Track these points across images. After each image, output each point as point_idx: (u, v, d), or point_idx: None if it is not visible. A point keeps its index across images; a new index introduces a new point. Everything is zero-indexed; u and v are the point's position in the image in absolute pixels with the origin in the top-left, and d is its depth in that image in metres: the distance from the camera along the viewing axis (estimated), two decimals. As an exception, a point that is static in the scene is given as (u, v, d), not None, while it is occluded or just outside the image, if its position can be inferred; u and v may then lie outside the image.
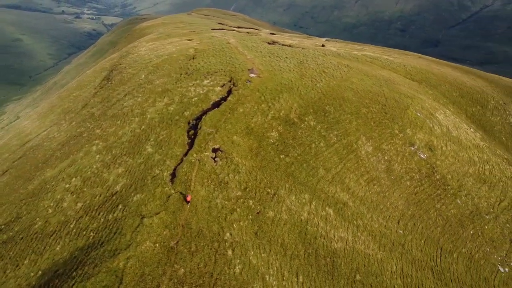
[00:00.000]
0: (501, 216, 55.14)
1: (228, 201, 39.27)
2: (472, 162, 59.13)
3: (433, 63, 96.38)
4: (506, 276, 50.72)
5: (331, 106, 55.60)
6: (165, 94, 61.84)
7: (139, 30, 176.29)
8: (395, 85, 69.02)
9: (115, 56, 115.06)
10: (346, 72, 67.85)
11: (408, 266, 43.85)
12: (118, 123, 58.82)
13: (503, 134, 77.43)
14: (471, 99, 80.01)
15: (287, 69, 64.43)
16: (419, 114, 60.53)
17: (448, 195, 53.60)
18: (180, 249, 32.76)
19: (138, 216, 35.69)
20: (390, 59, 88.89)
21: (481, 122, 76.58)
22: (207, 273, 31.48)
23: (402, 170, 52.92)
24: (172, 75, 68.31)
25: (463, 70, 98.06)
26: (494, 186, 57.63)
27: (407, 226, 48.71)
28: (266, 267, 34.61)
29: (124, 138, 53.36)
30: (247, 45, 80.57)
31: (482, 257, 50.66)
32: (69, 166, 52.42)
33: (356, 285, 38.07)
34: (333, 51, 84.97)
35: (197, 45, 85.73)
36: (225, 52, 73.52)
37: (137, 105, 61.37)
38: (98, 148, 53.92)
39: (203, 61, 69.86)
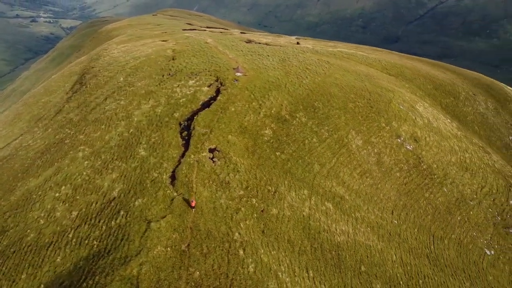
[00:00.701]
0: (484, 202, 57.69)
1: (231, 201, 38.96)
2: (454, 151, 61.52)
3: (404, 58, 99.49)
4: (492, 258, 53.15)
5: (319, 102, 56.27)
6: (149, 96, 60.50)
7: (105, 33, 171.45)
8: (375, 79, 70.72)
9: (84, 60, 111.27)
10: (328, 68, 68.84)
11: (406, 255, 45.09)
12: (102, 127, 56.99)
13: (475, 123, 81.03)
14: (444, 91, 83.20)
15: (272, 67, 64.63)
16: (401, 107, 62.31)
17: (435, 184, 55.50)
18: (192, 252, 32.19)
19: (144, 221, 34.75)
20: (365, 55, 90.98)
21: (455, 113, 79.80)
22: (222, 274, 31.10)
23: (392, 162, 54.33)
24: (154, 77, 66.93)
25: (431, 64, 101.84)
26: (475, 173, 60.19)
27: (401, 216, 50.07)
28: (278, 264, 34.61)
29: (112, 143, 51.79)
30: (226, 45, 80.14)
31: (470, 242, 52.82)
32: (55, 174, 50.30)
33: (362, 277, 38.75)
34: (310, 48, 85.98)
35: (174, 46, 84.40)
36: (206, 52, 72.81)
37: (121, 109, 59.69)
38: (84, 154, 52.04)
39: (185, 62, 68.88)
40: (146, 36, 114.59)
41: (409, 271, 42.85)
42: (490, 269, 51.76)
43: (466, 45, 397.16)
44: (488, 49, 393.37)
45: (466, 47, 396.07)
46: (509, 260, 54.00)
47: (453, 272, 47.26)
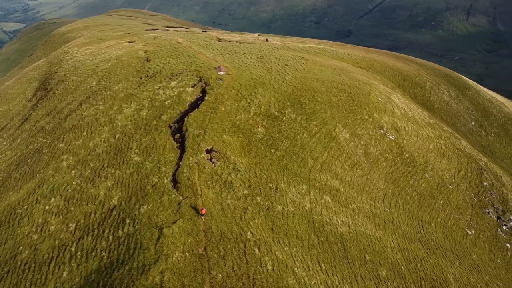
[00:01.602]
0: (461, 185, 61.04)
1: (237, 201, 38.84)
2: (430, 138, 64.55)
3: (369, 51, 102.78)
4: (473, 237, 56.45)
5: (305, 98, 57.10)
6: (130, 99, 58.80)
7: (59, 35, 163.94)
8: (350, 73, 72.66)
9: (43, 65, 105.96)
10: (305, 64, 69.88)
11: (402, 241, 46.95)
12: (84, 134, 54.78)
13: (442, 111, 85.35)
14: (412, 82, 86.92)
15: (252, 65, 64.72)
16: (379, 99, 64.51)
17: (418, 171, 58.05)
18: (210, 255, 31.85)
19: (154, 228, 33.91)
20: (334, 50, 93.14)
21: (423, 102, 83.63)
22: (243, 274, 31.03)
23: (377, 152, 56.19)
24: (131, 79, 65.07)
25: (395, 56, 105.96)
26: (451, 158, 63.50)
27: (391, 203, 51.99)
28: (292, 260, 34.98)
29: (99, 150, 49.94)
30: (199, 44, 79.25)
31: (453, 224, 55.78)
32: (39, 186, 47.84)
33: (368, 265, 39.97)
34: (281, 45, 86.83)
35: (144, 47, 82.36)
36: (181, 52, 71.64)
37: (102, 114, 57.61)
38: (69, 163, 49.84)
39: (162, 63, 67.45)
40: (109, 37, 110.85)
41: (407, 256, 44.67)
42: (472, 248, 54.95)
43: (413, 37, 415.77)
44: (433, 40, 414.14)
45: (414, 39, 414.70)
46: (487, 238, 57.52)
47: (443, 253, 49.74)
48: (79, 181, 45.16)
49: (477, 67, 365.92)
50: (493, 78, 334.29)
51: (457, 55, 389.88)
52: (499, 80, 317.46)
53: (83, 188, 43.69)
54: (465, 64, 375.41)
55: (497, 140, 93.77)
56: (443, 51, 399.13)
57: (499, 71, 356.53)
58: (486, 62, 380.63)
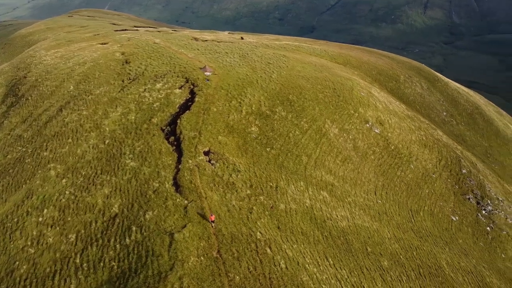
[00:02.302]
0: (443, 173, 63.58)
1: (242, 202, 38.90)
2: (411, 130, 66.80)
3: (343, 47, 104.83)
4: (457, 223, 59.01)
5: (293, 95, 57.66)
6: (115, 103, 57.32)
7: (20, 38, 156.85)
8: (331, 69, 73.94)
9: (7, 69, 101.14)
10: (287, 61, 70.47)
11: (397, 231, 48.51)
12: (69, 141, 52.95)
13: (416, 103, 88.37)
14: (387, 76, 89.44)
15: (237, 64, 64.60)
16: (362, 94, 66.05)
17: (403, 162, 59.99)
18: (225, 257, 31.79)
19: (164, 233, 33.43)
20: (310, 46, 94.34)
21: (399, 95, 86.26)
22: (259, 274, 31.20)
23: (365, 146, 57.61)
24: (113, 82, 63.39)
25: (368, 51, 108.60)
26: (432, 148, 65.98)
27: (382, 195, 53.53)
28: (302, 257, 35.46)
29: (89, 156, 48.48)
30: (178, 44, 78.19)
31: (439, 211, 58.09)
32: (28, 198, 45.93)
33: (371, 257, 41.09)
34: (259, 43, 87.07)
35: (120, 49, 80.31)
36: (161, 53, 70.46)
37: (86, 119, 55.86)
38: (58, 171, 48.11)
39: (143, 65, 66.09)
40: (78, 39, 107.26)
41: (404, 245, 46.22)
42: (458, 233, 57.46)
43: (374, 31, 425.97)
44: (394, 34, 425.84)
45: (375, 33, 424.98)
46: (470, 223, 60.27)
47: (434, 240, 51.79)
48: (73, 190, 43.73)
49: (435, 59, 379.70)
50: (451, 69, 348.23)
51: (417, 47, 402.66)
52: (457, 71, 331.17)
53: (78, 197, 42.35)
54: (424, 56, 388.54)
55: (467, 128, 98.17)
56: (403, 44, 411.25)
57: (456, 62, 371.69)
58: (444, 53, 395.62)
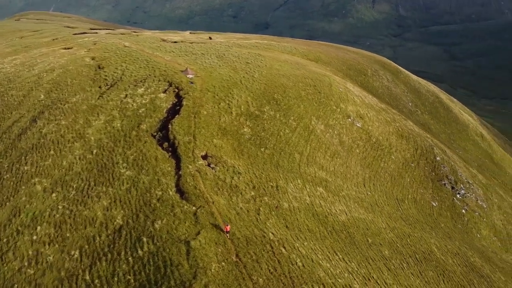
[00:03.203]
0: (420, 162, 66.68)
1: (248, 204, 39.02)
2: (388, 122, 69.46)
3: (311, 44, 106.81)
4: (438, 208, 62.21)
5: (278, 94, 58.23)
6: (95, 111, 55.30)
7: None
8: (306, 66, 75.25)
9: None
10: (263, 60, 70.90)
11: (389, 220, 50.46)
12: (51, 153, 50.54)
13: (385, 96, 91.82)
14: (356, 70, 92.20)
15: (217, 65, 64.22)
16: (340, 89, 67.82)
17: (385, 153, 62.34)
18: (245, 261, 31.86)
19: (179, 242, 32.92)
20: (280, 44, 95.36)
21: (369, 89, 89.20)
22: (280, 275, 31.55)
23: (350, 140, 59.31)
24: (89, 89, 61.05)
25: (334, 47, 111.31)
26: (408, 138, 68.96)
27: (371, 187, 55.43)
28: (314, 253, 36.18)
29: (77, 168, 46.57)
30: (151, 47, 76.48)
31: (421, 198, 60.96)
32: (15, 216, 43.54)
33: (373, 247, 42.57)
34: (231, 42, 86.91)
35: (88, 53, 77.35)
36: (136, 57, 68.62)
37: (66, 129, 53.48)
38: (45, 186, 45.89)
39: (119, 69, 64.08)
40: (36, 45, 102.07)
41: (398, 234, 48.19)
42: (439, 218, 60.59)
43: (327, 26, 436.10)
44: (345, 28, 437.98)
45: (327, 28, 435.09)
46: (448, 207, 63.68)
47: (421, 226, 54.35)
48: (66, 205, 41.91)
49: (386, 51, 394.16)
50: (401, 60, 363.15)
51: (368, 40, 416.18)
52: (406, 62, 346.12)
53: (73, 212, 40.66)
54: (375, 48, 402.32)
55: (431, 117, 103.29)
56: (355, 37, 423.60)
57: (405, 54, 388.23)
58: (393, 45, 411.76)
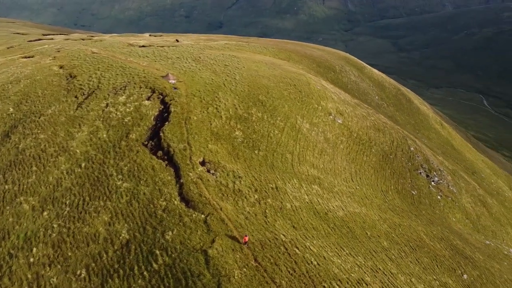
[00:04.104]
0: (398, 153, 69.52)
1: (254, 207, 39.20)
2: (364, 117, 71.79)
3: (279, 43, 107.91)
4: (417, 196, 65.13)
5: (262, 96, 58.57)
6: (76, 122, 53.16)
7: None
8: (281, 66, 76.13)
9: None
10: (240, 62, 70.97)
11: (380, 212, 52.37)
12: (34, 169, 48.11)
13: (354, 91, 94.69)
14: (325, 67, 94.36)
15: (196, 69, 63.52)
16: (318, 87, 69.27)
17: (366, 148, 64.47)
18: (264, 264, 32.08)
19: (195, 252, 32.57)
20: (249, 44, 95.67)
21: (339, 85, 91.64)
22: (300, 275, 32.08)
23: (334, 137, 60.81)
24: (64, 100, 58.48)
25: (300, 45, 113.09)
26: (384, 131, 71.63)
27: (358, 181, 57.21)
28: (324, 251, 37.01)
29: (67, 183, 44.67)
30: (122, 52, 74.26)
31: (402, 188, 63.62)
32: (4, 238, 41.25)
33: (372, 240, 44.08)
34: (202, 44, 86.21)
35: (54, 62, 73.94)
36: (109, 64, 66.42)
37: (46, 143, 51.04)
38: (33, 205, 43.68)
39: (93, 78, 61.79)
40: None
41: (390, 224, 50.15)
42: (420, 206, 63.51)
43: (280, 23, 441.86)
44: (298, 25, 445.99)
45: (281, 25, 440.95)
46: (425, 194, 66.86)
47: (407, 215, 56.82)
48: (62, 222, 40.17)
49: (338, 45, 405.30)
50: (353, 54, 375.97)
51: (320, 36, 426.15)
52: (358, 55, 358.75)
53: (72, 229, 39.06)
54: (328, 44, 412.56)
55: (396, 109, 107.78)
56: (308, 34, 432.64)
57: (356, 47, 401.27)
58: (345, 40, 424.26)
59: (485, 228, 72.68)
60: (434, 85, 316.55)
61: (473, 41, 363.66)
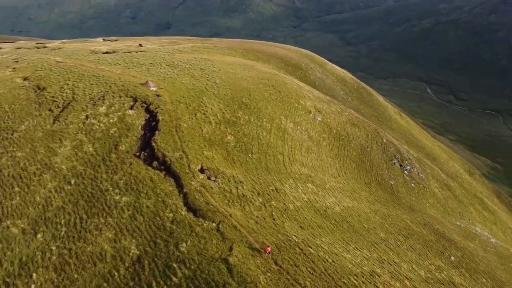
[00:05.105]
0: (373, 146, 72.25)
1: (260, 211, 39.46)
2: (339, 113, 73.90)
3: (242, 43, 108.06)
4: (395, 186, 68.20)
5: (245, 98, 58.67)
6: (56, 137, 50.58)
7: None
8: (253, 67, 76.54)
9: None
10: (214, 65, 70.52)
11: (370, 205, 54.36)
12: (17, 190, 45.29)
13: (322, 87, 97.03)
14: (293, 66, 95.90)
15: (174, 75, 62.37)
16: (294, 86, 70.43)
17: (346, 143, 66.52)
18: (285, 267, 32.46)
19: (215, 261, 32.29)
20: (214, 46, 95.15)
21: (308, 82, 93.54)
22: (320, 274, 32.80)
23: (316, 134, 62.21)
24: (38, 114, 55.37)
25: (265, 44, 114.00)
26: (358, 125, 74.11)
27: (344, 176, 58.98)
28: (334, 247, 38.02)
29: (58, 202, 42.52)
30: (89, 60, 71.27)
31: (382, 180, 66.35)
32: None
33: (371, 232, 45.79)
34: (169, 48, 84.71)
35: (15, 73, 69.61)
36: (80, 73, 63.53)
37: (26, 161, 48.16)
38: (22, 227, 41.21)
39: (66, 89, 58.92)
40: None
41: (381, 215, 52.24)
42: (399, 194, 66.56)
43: (229, 22, 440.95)
44: (247, 23, 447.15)
45: (230, 24, 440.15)
46: (401, 183, 70.18)
47: (392, 205, 59.39)
48: (60, 244, 38.28)
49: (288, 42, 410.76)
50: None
51: (270, 33, 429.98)
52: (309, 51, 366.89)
53: (74, 250, 37.35)
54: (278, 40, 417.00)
55: (360, 103, 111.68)
56: (257, 31, 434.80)
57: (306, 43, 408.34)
58: (294, 36, 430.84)
59: (453, 210, 77.43)
60: (381, 76, 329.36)
61: (414, 32, 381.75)
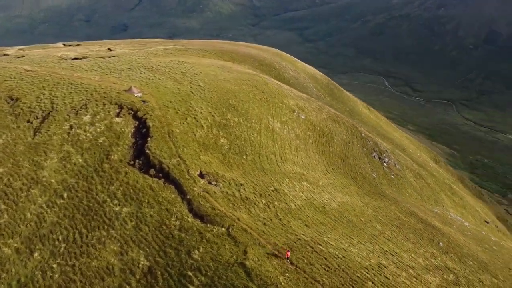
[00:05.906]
0: (354, 141, 74.05)
1: (266, 212, 39.62)
2: (319, 110, 75.13)
3: (213, 44, 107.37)
4: (378, 178, 70.24)
5: (232, 100, 58.42)
6: (40, 149, 48.33)
7: None
8: (231, 68, 76.35)
9: None
10: (194, 68, 69.69)
11: (361, 198, 55.77)
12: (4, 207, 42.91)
13: (296, 85, 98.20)
14: (267, 65, 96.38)
15: (157, 79, 61.05)
16: (275, 86, 70.89)
17: (329, 139, 67.80)
18: (301, 266, 32.85)
19: (232, 266, 32.15)
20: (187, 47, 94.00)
21: (283, 81, 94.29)
22: (335, 270, 33.45)
23: (302, 133, 63.00)
24: (16, 127, 52.58)
25: (236, 44, 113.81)
26: (338, 121, 75.70)
27: (332, 172, 60.17)
28: (340, 243, 38.81)
29: (52, 218, 40.76)
30: (62, 67, 68.36)
31: (366, 173, 68.14)
32: None
33: (368, 225, 46.99)
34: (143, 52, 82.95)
35: (-19, 84, 65.64)
36: (55, 82, 60.78)
37: (11, 177, 45.69)
38: (16, 246, 39.31)
39: (43, 98, 56.28)
40: None
41: (373, 208, 53.70)
42: (382, 186, 68.63)
43: (187, 22, 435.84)
44: (206, 22, 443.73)
45: (188, 24, 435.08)
46: (382, 175, 72.40)
47: (379, 197, 61.11)
48: (61, 261, 36.80)
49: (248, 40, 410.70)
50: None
51: (229, 32, 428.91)
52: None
53: (77, 266, 36.01)
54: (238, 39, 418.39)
55: (332, 99, 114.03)
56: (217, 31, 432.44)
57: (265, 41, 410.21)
58: (254, 34, 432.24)
59: (428, 198, 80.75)
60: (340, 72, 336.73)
61: (369, 28, 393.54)
